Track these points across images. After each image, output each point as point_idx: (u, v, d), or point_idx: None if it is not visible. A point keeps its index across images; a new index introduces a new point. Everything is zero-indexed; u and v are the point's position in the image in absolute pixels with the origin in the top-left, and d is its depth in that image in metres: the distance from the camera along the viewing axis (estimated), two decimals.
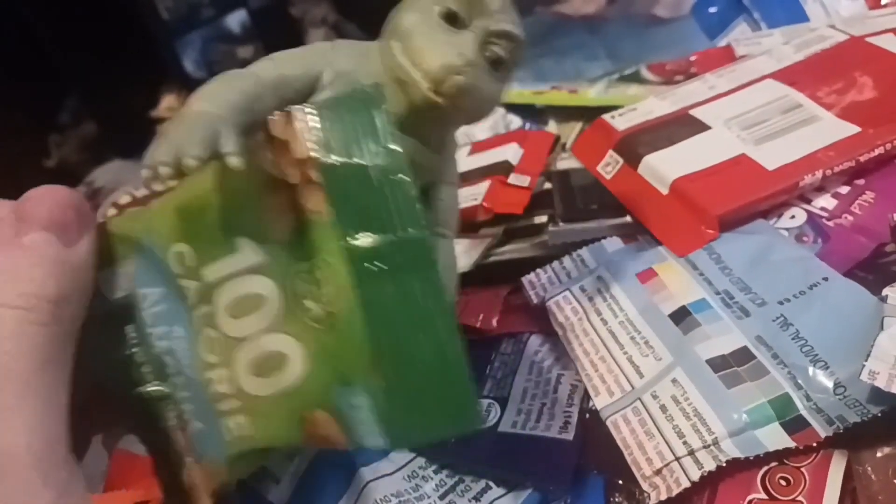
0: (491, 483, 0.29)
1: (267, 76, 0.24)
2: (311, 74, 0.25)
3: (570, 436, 0.29)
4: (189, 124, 0.22)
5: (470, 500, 0.28)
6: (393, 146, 0.21)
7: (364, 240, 0.21)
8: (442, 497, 0.29)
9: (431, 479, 0.29)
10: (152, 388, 0.23)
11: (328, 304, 0.22)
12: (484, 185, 0.43)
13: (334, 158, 0.21)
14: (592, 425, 0.30)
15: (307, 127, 0.22)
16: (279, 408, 0.22)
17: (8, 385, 0.19)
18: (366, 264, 0.21)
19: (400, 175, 0.21)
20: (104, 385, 0.23)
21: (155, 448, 0.24)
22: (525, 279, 0.37)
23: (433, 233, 0.27)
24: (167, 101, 1.21)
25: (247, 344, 0.22)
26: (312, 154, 0.21)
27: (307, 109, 0.22)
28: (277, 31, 1.42)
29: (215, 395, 0.22)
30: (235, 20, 1.43)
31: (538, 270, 0.37)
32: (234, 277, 0.22)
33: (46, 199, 0.21)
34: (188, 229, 0.23)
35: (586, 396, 0.30)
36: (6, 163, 1.18)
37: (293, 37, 1.41)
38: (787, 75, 0.40)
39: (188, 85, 1.29)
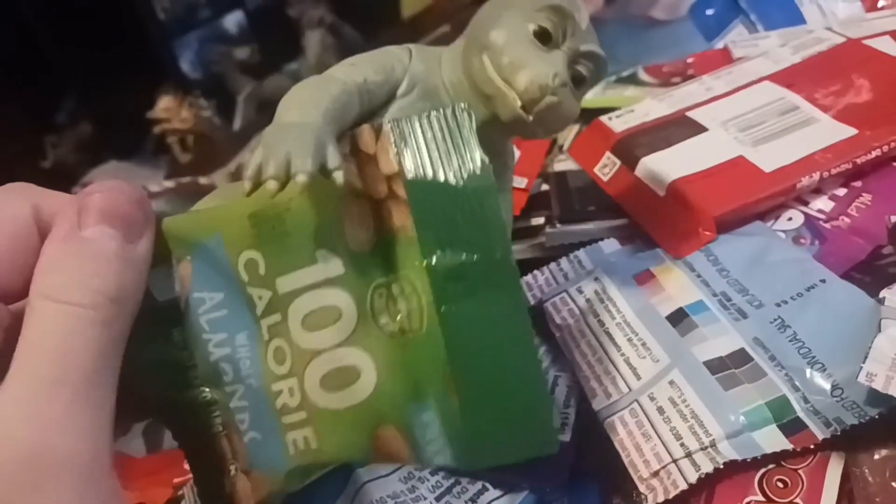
0: (487, 484, 0.29)
1: (352, 82, 0.24)
2: (391, 81, 0.25)
3: (566, 437, 0.29)
4: (295, 137, 0.21)
5: (466, 502, 0.28)
6: (483, 167, 0.21)
7: (449, 258, 0.21)
8: (438, 498, 0.28)
9: (428, 480, 0.29)
10: (199, 393, 0.23)
11: (406, 319, 0.22)
12: None
13: (423, 176, 0.21)
14: (589, 427, 0.29)
15: (397, 141, 0.22)
16: (348, 422, 0.22)
17: (65, 386, 0.18)
18: (449, 283, 0.21)
19: (488, 196, 0.21)
20: (142, 386, 0.22)
21: (194, 452, 0.24)
22: (522, 280, 0.37)
23: None
24: (164, 103, 1.21)
25: (320, 357, 0.22)
26: (400, 169, 0.21)
27: (398, 124, 0.22)
28: (274, 32, 1.42)
29: (283, 406, 0.22)
30: (232, 21, 1.43)
31: (535, 272, 0.37)
32: (310, 289, 0.22)
33: (110, 192, 0.21)
34: (263, 237, 0.22)
35: (583, 398, 0.30)
36: (2, 163, 1.17)
37: (290, 38, 1.41)
38: (785, 77, 0.40)
39: (185, 86, 1.29)
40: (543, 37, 0.24)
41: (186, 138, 1.20)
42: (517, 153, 0.46)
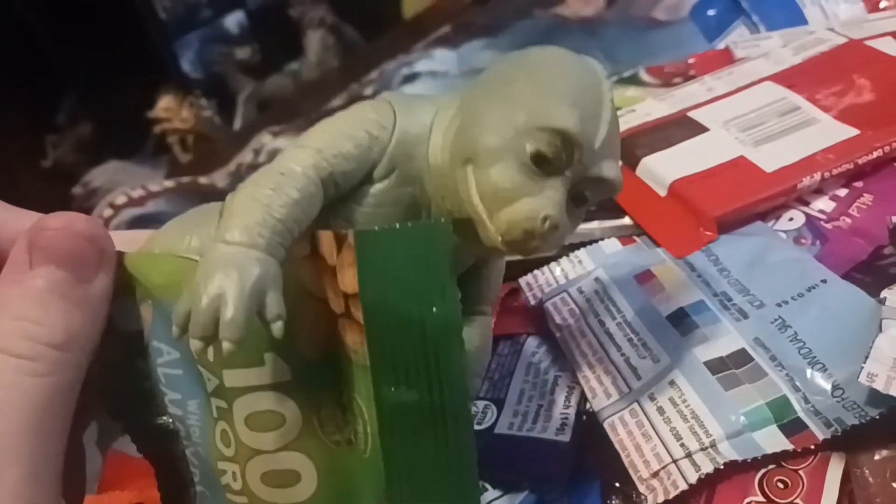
0: (487, 485, 0.28)
1: (314, 176, 0.20)
2: (365, 166, 0.21)
3: (566, 438, 0.29)
4: (229, 282, 0.18)
5: None
6: (451, 302, 0.19)
7: (400, 394, 0.20)
8: None
9: None
10: (163, 420, 0.23)
11: (351, 434, 0.21)
12: None
13: (384, 303, 0.19)
14: (589, 427, 0.29)
15: (360, 260, 0.19)
16: None
17: (2, 443, 0.18)
18: (397, 418, 0.20)
19: (452, 336, 0.19)
20: (108, 409, 0.23)
21: (161, 467, 0.23)
22: (522, 280, 0.37)
23: (477, 312, 0.25)
24: (164, 102, 1.21)
25: (261, 456, 0.21)
26: (360, 292, 0.19)
27: (365, 238, 0.19)
28: (275, 32, 1.42)
29: (226, 485, 0.22)
30: (233, 21, 1.43)
31: (536, 272, 0.37)
32: (255, 390, 0.21)
33: (61, 231, 0.20)
34: None
35: (583, 398, 0.30)
36: (2, 163, 1.18)
37: (291, 38, 1.41)
38: (786, 78, 0.40)
39: (185, 86, 1.29)
40: (541, 161, 0.20)
41: (187, 138, 1.20)
42: None
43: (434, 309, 0.19)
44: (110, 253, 0.21)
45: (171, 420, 0.23)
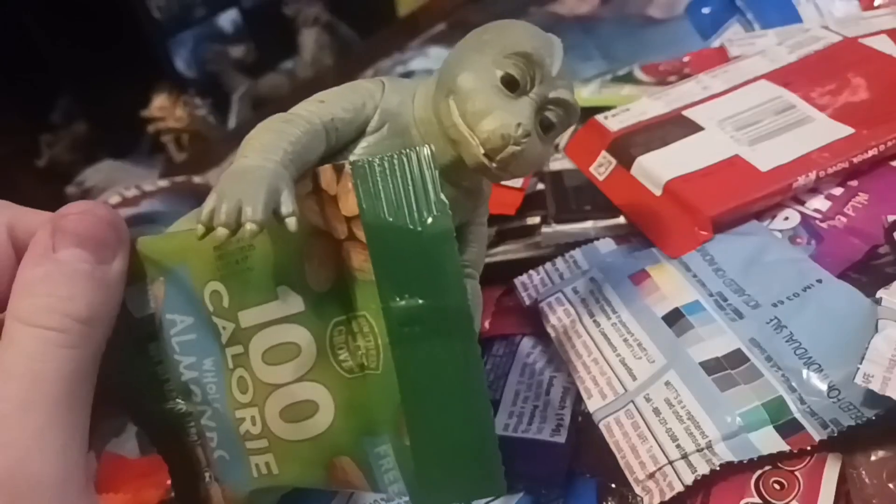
0: None
1: (318, 120, 0.23)
2: (360, 118, 0.25)
3: (562, 439, 0.29)
4: (249, 183, 0.20)
5: None
6: (442, 213, 0.21)
7: (405, 303, 0.21)
8: None
9: None
10: (174, 404, 0.24)
11: (363, 357, 0.22)
12: None
13: (382, 220, 0.21)
14: (585, 428, 0.29)
15: (357, 184, 0.21)
16: (306, 452, 0.22)
17: (35, 410, 0.19)
18: (405, 327, 0.21)
19: (446, 242, 0.21)
20: (121, 397, 0.23)
21: (172, 458, 0.24)
22: (517, 280, 0.36)
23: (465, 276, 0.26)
24: (159, 101, 1.20)
25: (279, 390, 0.22)
26: (360, 212, 0.21)
27: (360, 165, 0.21)
28: (270, 31, 1.42)
29: (245, 433, 0.23)
30: (228, 19, 1.43)
31: (531, 272, 0.37)
32: (271, 325, 0.22)
33: (84, 214, 0.21)
34: (227, 271, 0.23)
35: (579, 399, 0.30)
36: None
37: (286, 36, 1.40)
38: (781, 76, 0.40)
39: (180, 84, 1.29)
40: (511, 84, 0.24)
41: (181, 137, 1.20)
42: None
43: (428, 220, 0.21)
44: (126, 238, 0.22)
45: (181, 403, 0.24)
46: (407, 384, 0.21)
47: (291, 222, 0.20)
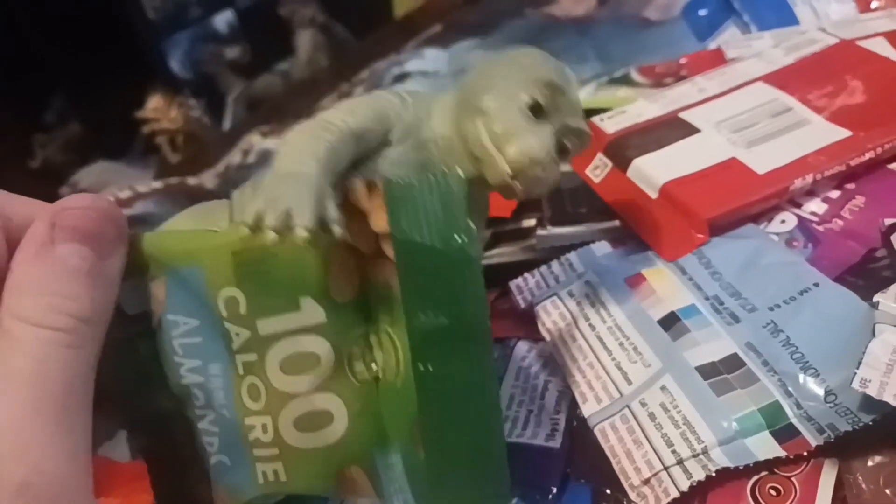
0: None
1: (348, 129, 0.24)
2: (384, 129, 0.26)
3: (556, 444, 0.29)
4: (295, 189, 0.21)
5: None
6: (471, 237, 0.22)
7: (430, 321, 0.22)
8: None
9: None
10: (166, 404, 0.24)
11: (381, 370, 0.23)
12: None
13: (412, 239, 0.22)
14: (580, 433, 0.29)
15: (390, 202, 0.22)
16: (318, 461, 0.23)
17: (46, 413, 0.18)
18: (428, 345, 0.22)
19: (472, 265, 0.22)
20: (109, 395, 0.23)
21: (156, 459, 0.24)
22: (512, 283, 0.36)
23: None
24: (153, 102, 1.20)
25: (296, 400, 0.23)
26: (392, 230, 0.22)
27: (394, 183, 0.22)
28: (265, 32, 1.41)
29: (254, 440, 0.23)
30: (223, 20, 1.42)
31: (526, 275, 0.36)
32: (291, 335, 0.23)
33: (84, 208, 0.21)
34: (246, 277, 0.22)
35: (574, 403, 0.30)
36: None
37: (281, 37, 1.40)
38: (778, 78, 0.40)
39: (174, 85, 1.28)
40: (535, 109, 0.25)
41: (176, 138, 1.19)
42: None
43: (457, 241, 0.22)
44: (125, 233, 0.22)
45: (173, 403, 0.23)
46: (425, 399, 0.22)
47: (338, 230, 0.21)
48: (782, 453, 0.24)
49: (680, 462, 0.25)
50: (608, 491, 0.27)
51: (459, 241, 0.21)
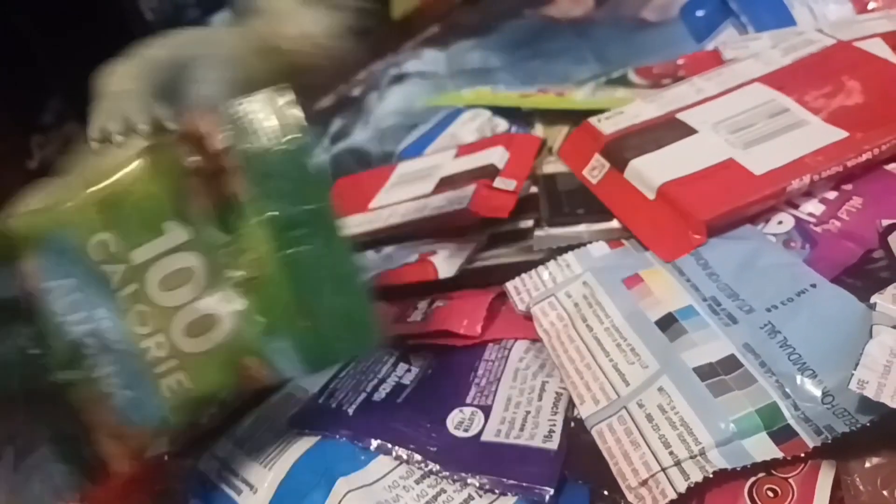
0: (473, 494, 0.28)
1: (163, 57, 0.31)
2: (192, 54, 0.32)
3: (554, 445, 0.29)
4: (126, 101, 0.28)
5: None
6: (301, 129, 0.26)
7: (281, 212, 0.26)
8: None
9: (413, 489, 0.29)
10: (55, 377, 0.26)
11: (250, 269, 0.26)
12: (470, 189, 0.42)
13: (249, 145, 0.26)
14: (577, 434, 0.29)
15: (224, 121, 0.26)
16: (214, 360, 0.26)
17: None
18: (283, 233, 0.26)
19: (308, 154, 0.26)
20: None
21: (55, 431, 0.27)
22: (510, 285, 0.36)
23: None
24: None
25: (180, 311, 0.26)
26: (230, 145, 0.26)
27: (223, 105, 0.26)
28: None
29: (153, 359, 0.26)
30: (220, 22, 1.42)
31: (523, 276, 0.36)
32: (163, 256, 0.26)
33: None
34: (111, 219, 0.26)
35: (571, 405, 0.30)
36: None
37: None
38: (775, 79, 0.40)
39: None
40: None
41: None
42: (506, 156, 0.45)
43: (289, 136, 0.26)
44: None
45: (62, 374, 0.26)
46: (294, 280, 0.26)
47: (171, 124, 0.27)
48: (780, 454, 0.24)
49: (677, 463, 0.25)
50: (605, 492, 0.27)
51: (291, 136, 0.26)
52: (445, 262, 0.38)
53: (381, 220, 0.44)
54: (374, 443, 0.30)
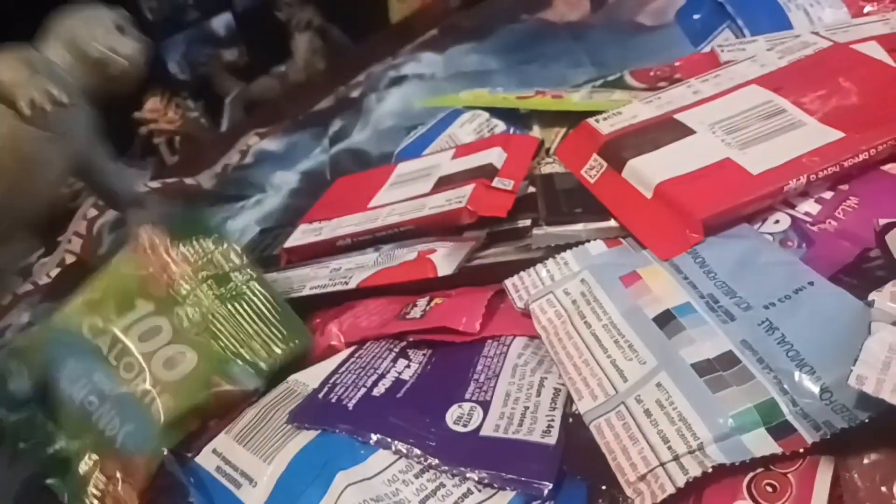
0: (472, 488, 0.28)
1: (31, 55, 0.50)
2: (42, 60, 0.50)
3: (552, 440, 0.29)
4: (36, 80, 0.46)
5: None
6: (215, 235, 0.38)
7: (213, 275, 0.37)
8: (422, 502, 0.28)
9: (412, 483, 0.29)
10: (60, 453, 0.35)
11: (200, 322, 0.36)
12: (468, 189, 0.42)
13: (182, 249, 0.38)
14: (576, 430, 0.29)
15: (165, 243, 0.38)
16: (189, 383, 0.34)
17: None
18: (218, 288, 0.37)
19: (221, 230, 0.40)
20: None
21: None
22: (508, 282, 0.36)
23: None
24: (150, 104, 1.20)
25: (158, 353, 0.35)
26: (171, 258, 0.37)
27: (163, 235, 0.38)
28: (262, 34, 1.41)
29: (142, 392, 0.34)
30: (220, 23, 1.42)
31: (522, 273, 0.36)
32: (138, 322, 0.36)
33: None
34: (97, 309, 0.36)
35: (569, 400, 0.30)
36: None
37: (278, 40, 1.40)
38: (772, 81, 0.40)
39: (172, 87, 1.28)
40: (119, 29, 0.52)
41: (173, 139, 1.19)
42: (504, 156, 0.46)
43: (206, 239, 0.38)
44: None
45: (72, 445, 0.35)
46: (233, 317, 0.37)
47: (64, 98, 0.48)
48: (778, 450, 0.24)
49: (676, 458, 0.25)
50: (604, 487, 0.27)
51: (211, 245, 0.38)
52: (444, 260, 0.38)
53: (380, 219, 0.44)
54: (374, 437, 0.30)
